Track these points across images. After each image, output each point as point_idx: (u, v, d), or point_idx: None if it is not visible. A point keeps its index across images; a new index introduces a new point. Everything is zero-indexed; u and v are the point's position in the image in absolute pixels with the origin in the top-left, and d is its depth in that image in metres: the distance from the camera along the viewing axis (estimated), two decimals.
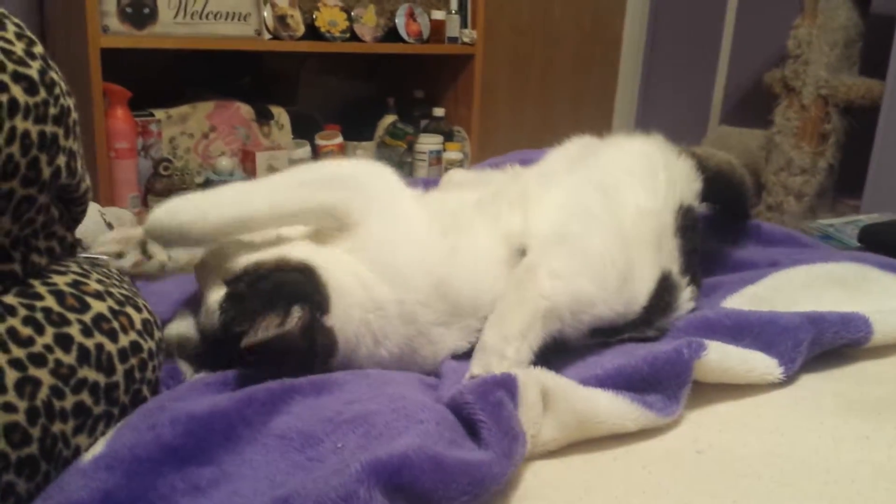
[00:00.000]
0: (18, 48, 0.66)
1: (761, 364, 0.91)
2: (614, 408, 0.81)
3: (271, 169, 2.51)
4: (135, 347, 0.73)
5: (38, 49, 0.68)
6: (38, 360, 0.64)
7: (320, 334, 0.83)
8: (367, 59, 3.01)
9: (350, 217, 0.91)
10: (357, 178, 0.95)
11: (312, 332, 0.82)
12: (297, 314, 0.80)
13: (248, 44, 2.44)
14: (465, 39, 2.88)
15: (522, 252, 0.97)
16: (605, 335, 0.97)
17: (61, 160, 0.68)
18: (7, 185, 0.63)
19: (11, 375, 0.62)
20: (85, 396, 0.67)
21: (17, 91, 0.64)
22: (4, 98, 0.63)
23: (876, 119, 2.43)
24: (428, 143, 2.84)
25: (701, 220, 1.15)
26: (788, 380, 0.92)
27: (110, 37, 2.16)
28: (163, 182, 2.33)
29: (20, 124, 0.64)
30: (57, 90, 0.68)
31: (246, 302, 0.82)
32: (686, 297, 1.04)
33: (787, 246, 1.33)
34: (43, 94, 0.66)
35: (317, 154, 2.70)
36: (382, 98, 2.97)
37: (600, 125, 3.70)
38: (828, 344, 0.96)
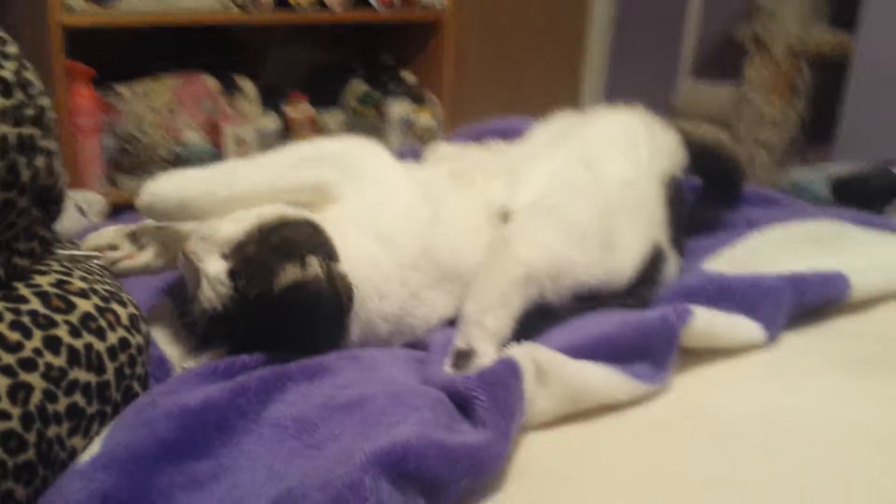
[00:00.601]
0: None
1: (746, 329, 0.93)
2: (605, 380, 0.82)
3: (239, 142, 2.48)
4: (123, 344, 0.72)
5: (12, 49, 0.66)
6: (29, 364, 0.63)
7: (338, 280, 0.84)
8: (335, 26, 2.96)
9: (340, 190, 0.94)
10: (346, 154, 0.98)
11: (332, 279, 0.83)
12: (314, 261, 0.81)
13: (215, 18, 2.39)
14: (436, 5, 2.83)
15: (504, 217, 0.99)
16: (588, 303, 0.97)
17: (40, 161, 0.67)
18: None
19: (3, 382, 0.61)
20: (77, 398, 0.66)
21: None
22: None
23: (845, 71, 2.45)
24: (399, 109, 2.80)
25: (687, 190, 1.16)
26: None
27: (73, 15, 2.11)
28: (129, 159, 2.30)
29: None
30: (33, 90, 0.67)
31: (258, 261, 0.82)
32: (672, 269, 1.06)
33: (762, 205, 1.33)
34: (19, 95, 0.65)
35: (286, 125, 2.66)
36: (349, 64, 2.93)
37: (571, 83, 3.71)
38: (808, 304, 0.98)
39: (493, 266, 0.92)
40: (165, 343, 0.90)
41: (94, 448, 0.67)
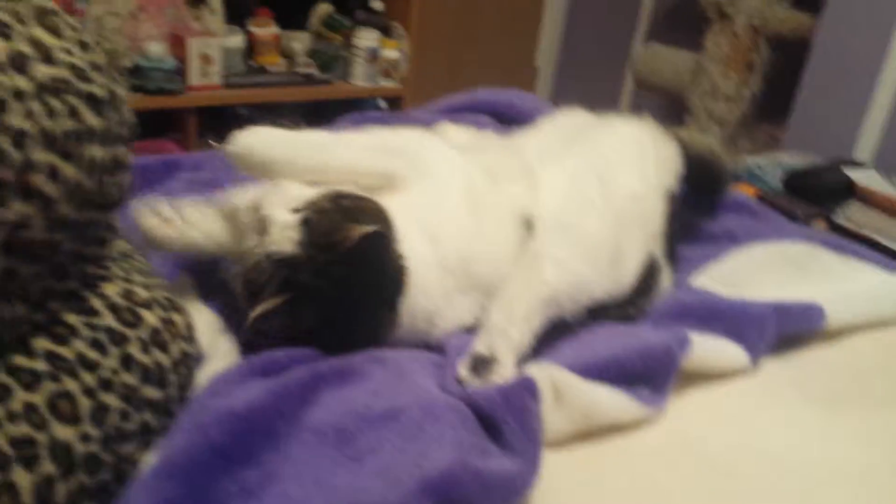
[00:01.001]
0: (83, 60, 0.61)
1: (733, 354, 1.01)
2: (613, 403, 0.88)
3: (204, 57, 2.39)
4: (183, 356, 0.73)
5: (99, 57, 0.64)
6: (107, 385, 0.64)
7: (400, 259, 0.89)
8: None
9: (406, 183, 0.98)
10: (425, 155, 1.03)
11: (398, 253, 0.88)
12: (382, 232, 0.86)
13: None
14: None
15: (527, 223, 1.02)
16: (594, 313, 1.03)
17: (126, 178, 0.66)
18: (80, 216, 0.61)
19: (85, 404, 0.62)
20: (147, 415, 0.68)
21: (88, 115, 0.60)
22: (77, 125, 0.59)
23: (801, 53, 2.51)
24: (365, 38, 2.74)
25: (679, 201, 1.21)
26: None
27: None
28: None
29: (94, 152, 0.60)
30: (122, 105, 0.65)
31: (331, 215, 0.85)
32: (666, 281, 1.12)
33: (738, 213, 1.41)
34: (112, 113, 0.63)
35: (252, 42, 2.58)
36: None
37: (530, 30, 3.67)
38: (787, 332, 1.07)
39: (521, 282, 0.96)
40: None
41: (154, 457, 0.68)
